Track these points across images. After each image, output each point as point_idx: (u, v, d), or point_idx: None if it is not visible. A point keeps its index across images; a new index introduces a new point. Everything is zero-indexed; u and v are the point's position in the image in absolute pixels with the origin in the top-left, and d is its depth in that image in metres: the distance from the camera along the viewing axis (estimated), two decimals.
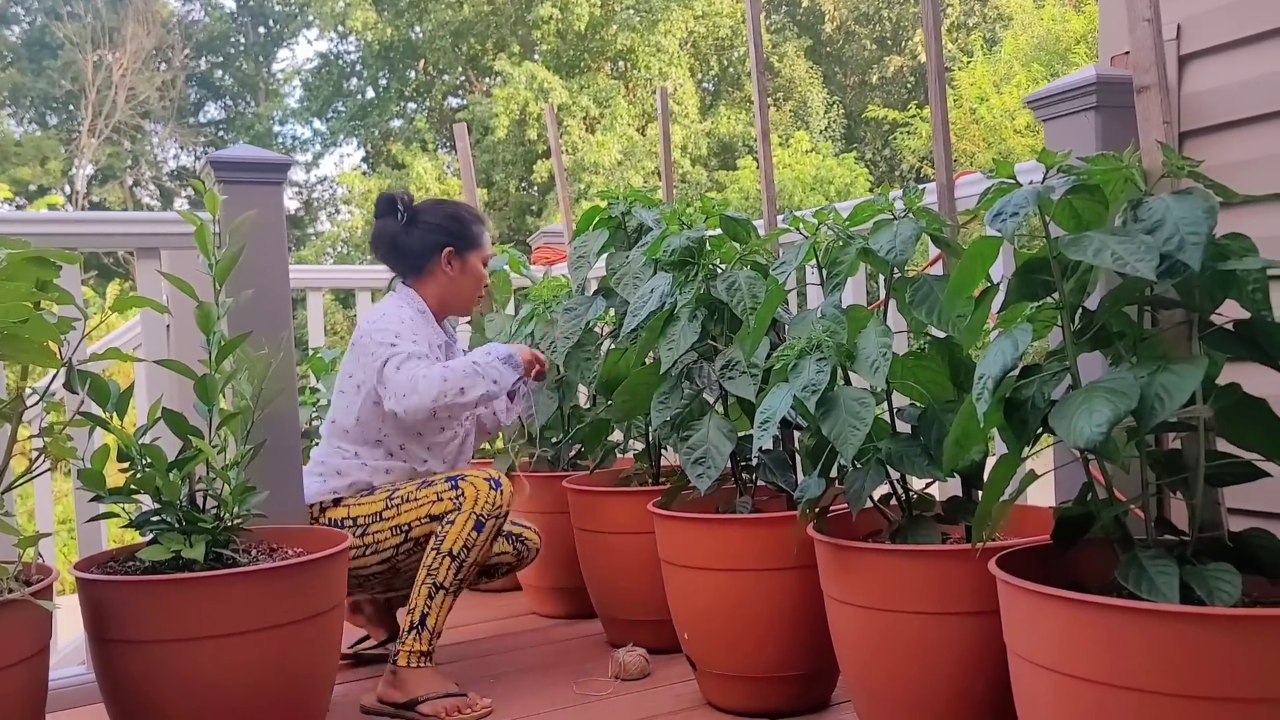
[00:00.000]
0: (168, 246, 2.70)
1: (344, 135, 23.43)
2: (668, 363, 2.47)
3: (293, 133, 24.24)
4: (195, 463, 2.11)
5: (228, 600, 1.96)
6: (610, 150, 17.94)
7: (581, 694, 2.58)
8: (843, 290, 2.15)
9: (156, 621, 1.94)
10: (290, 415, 2.53)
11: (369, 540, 2.58)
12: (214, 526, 2.12)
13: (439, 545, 2.51)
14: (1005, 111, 13.60)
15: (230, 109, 25.74)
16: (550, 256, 4.27)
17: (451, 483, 2.57)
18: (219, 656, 1.96)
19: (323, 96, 23.25)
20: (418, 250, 2.79)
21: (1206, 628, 1.33)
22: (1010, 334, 1.55)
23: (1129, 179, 1.59)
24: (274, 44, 25.76)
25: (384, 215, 2.85)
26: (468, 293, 2.86)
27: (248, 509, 2.18)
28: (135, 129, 23.47)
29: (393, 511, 2.59)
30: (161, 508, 2.11)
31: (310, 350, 4.27)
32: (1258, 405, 1.50)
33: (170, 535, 2.08)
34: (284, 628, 2.02)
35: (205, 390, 2.14)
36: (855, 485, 1.99)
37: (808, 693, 2.37)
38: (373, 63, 22.44)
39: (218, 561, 2.11)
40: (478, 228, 2.87)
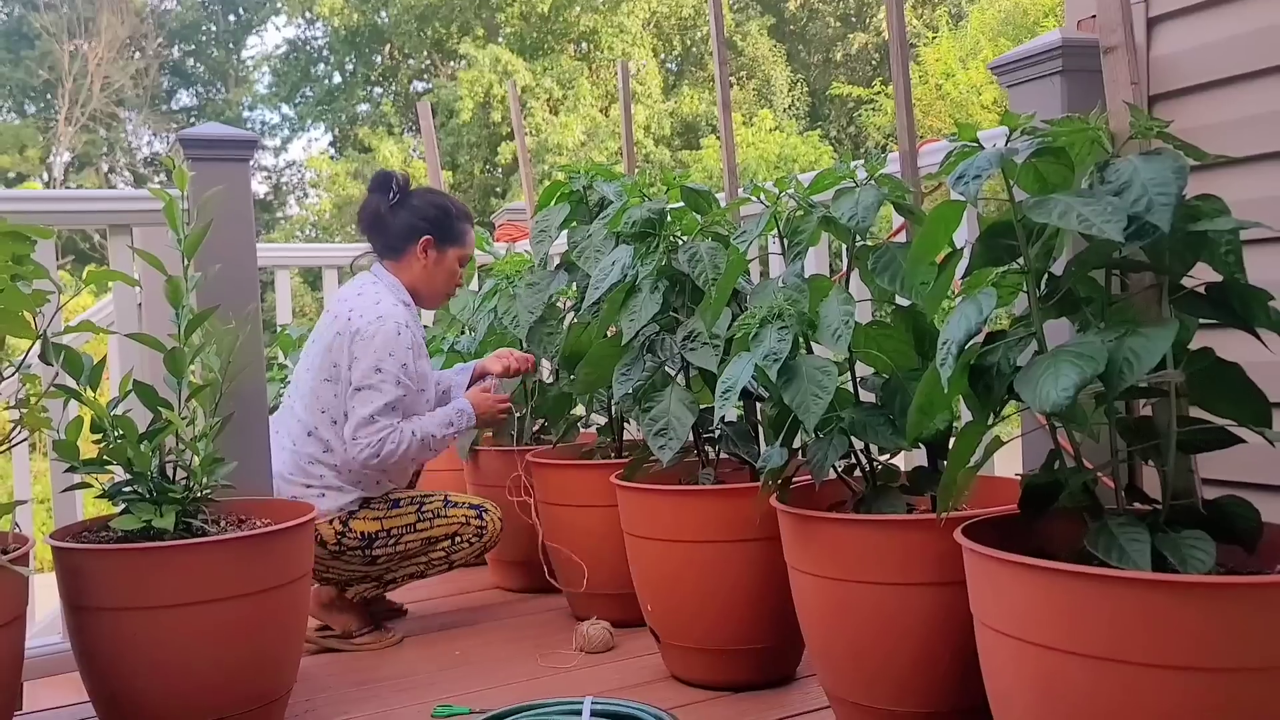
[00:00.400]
0: (139, 223, 2.67)
1: (312, 120, 23.20)
2: (629, 335, 2.40)
3: (262, 118, 23.98)
4: (165, 434, 2.12)
5: (197, 569, 1.98)
6: (574, 131, 17.78)
7: (546, 667, 2.52)
8: (804, 259, 2.07)
9: (128, 589, 1.96)
10: (258, 388, 2.50)
11: (400, 548, 2.76)
12: (184, 497, 2.13)
13: (450, 554, 2.82)
14: (971, 87, 13.42)
15: (202, 96, 25.43)
16: (513, 233, 4.18)
17: (478, 512, 2.84)
18: (188, 624, 1.97)
19: (291, 82, 23.00)
20: (398, 231, 2.81)
21: (1178, 596, 1.27)
22: (974, 298, 1.47)
23: (1095, 141, 1.51)
24: (244, 31, 25.44)
25: (376, 190, 2.86)
26: (439, 286, 2.88)
27: (216, 480, 2.19)
28: (110, 117, 23.19)
29: (425, 524, 2.78)
30: (133, 478, 2.11)
31: (279, 328, 4.18)
32: (1231, 370, 1.43)
33: (141, 505, 2.09)
34: (252, 596, 2.03)
35: (175, 363, 2.16)
36: (818, 455, 1.92)
37: (772, 665, 2.30)
38: (339, 48, 22.17)
39: (187, 531, 2.11)
40: (463, 225, 2.88)
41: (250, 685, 2.06)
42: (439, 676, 2.49)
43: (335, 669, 2.59)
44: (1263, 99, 1.80)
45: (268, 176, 24.21)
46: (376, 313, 2.68)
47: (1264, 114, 1.80)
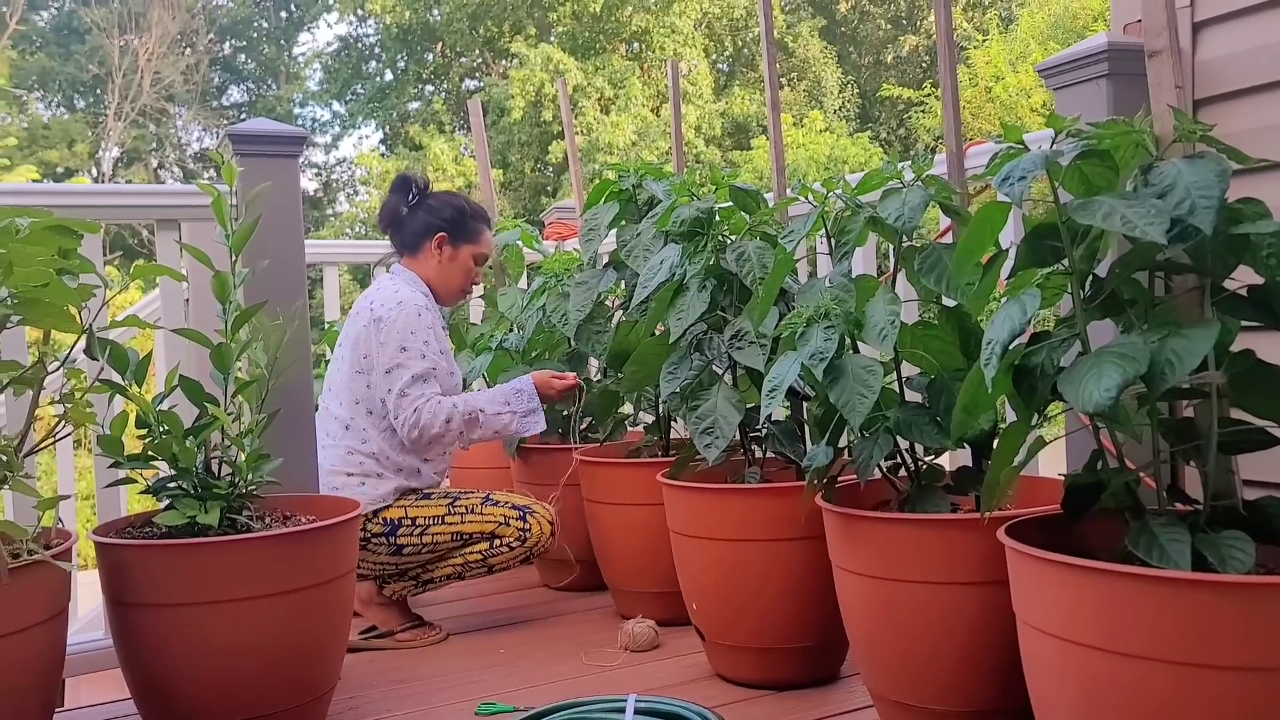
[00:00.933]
0: (187, 218, 2.72)
1: (362, 117, 23.45)
2: (677, 333, 2.44)
3: (313, 115, 24.30)
4: (211, 430, 2.13)
5: (241, 565, 1.98)
6: (625, 131, 17.86)
7: (590, 665, 2.56)
8: (851, 259, 2.11)
9: (171, 585, 1.96)
10: (304, 384, 2.54)
11: (426, 540, 2.79)
12: (228, 493, 2.14)
13: (487, 558, 2.82)
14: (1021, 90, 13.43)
15: (252, 92, 25.78)
16: (563, 232, 4.24)
17: (521, 514, 2.84)
18: (232, 620, 1.97)
19: (342, 79, 23.29)
20: (414, 229, 2.94)
21: (1218, 595, 1.29)
22: (1018, 299, 1.51)
23: (1139, 144, 1.54)
24: (295, 28, 25.77)
25: (397, 191, 3.00)
26: (454, 283, 2.98)
27: (261, 476, 2.19)
28: (160, 112, 23.56)
29: (456, 518, 2.80)
30: (178, 474, 2.12)
31: (326, 325, 4.27)
32: (1272, 372, 1.45)
33: (186, 501, 2.09)
34: (296, 593, 2.03)
35: (221, 358, 2.16)
36: (863, 454, 1.96)
37: (816, 664, 2.34)
38: (391, 45, 22.43)
39: (232, 527, 2.12)
40: (477, 224, 2.98)
41: (293, 682, 2.07)
42: (483, 674, 2.54)
43: (378, 666, 2.65)
44: None
45: (318, 173, 24.52)
46: (396, 299, 2.80)
47: None
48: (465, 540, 2.81)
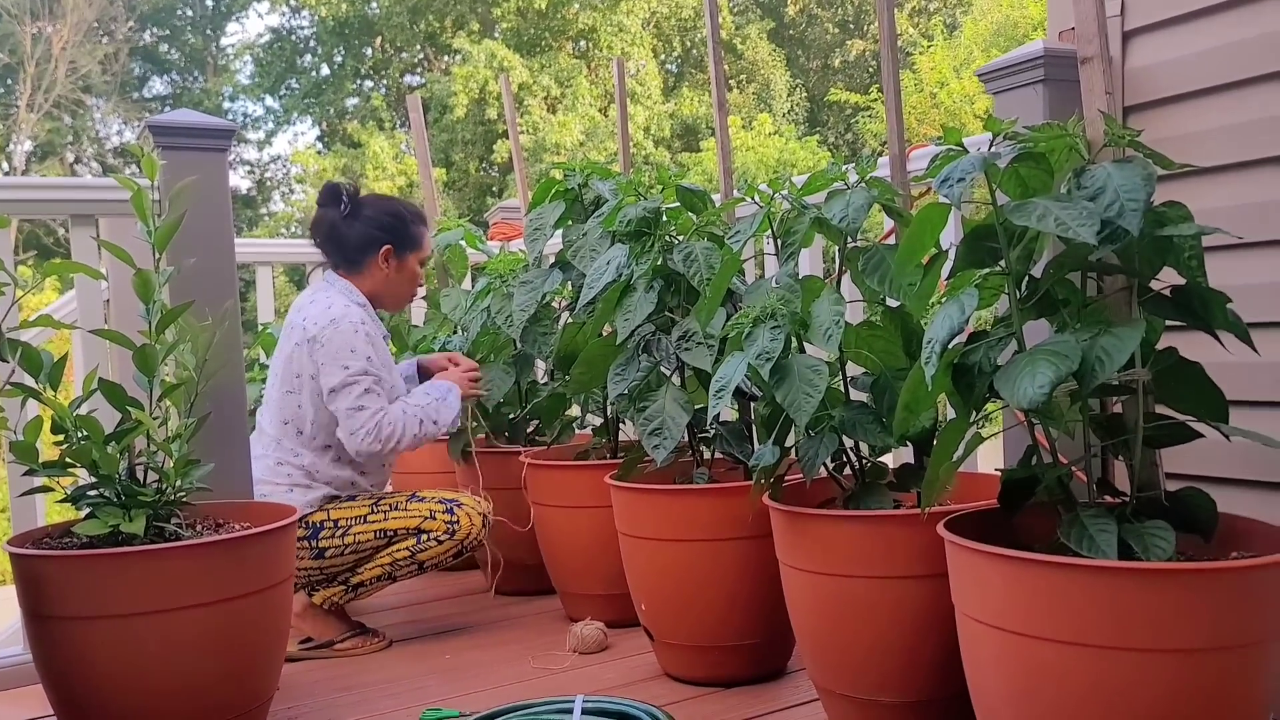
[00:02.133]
0: (105, 214, 2.67)
1: (298, 113, 23.21)
2: (624, 334, 2.51)
3: (244, 109, 23.97)
4: (134, 435, 2.08)
5: (169, 574, 1.95)
6: (572, 131, 17.91)
7: (538, 668, 2.62)
8: (797, 260, 2.19)
9: (93, 597, 1.93)
10: (237, 388, 2.52)
11: (349, 540, 2.79)
12: (155, 500, 2.10)
13: (415, 554, 2.81)
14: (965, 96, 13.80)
15: (176, 84, 25.32)
16: (507, 232, 4.29)
17: (447, 507, 2.83)
18: (160, 632, 1.94)
19: (275, 73, 22.99)
20: (356, 244, 2.91)
21: (1141, 582, 1.41)
22: (957, 299, 1.60)
23: (1073, 147, 1.65)
24: (223, 17, 25.39)
25: (327, 204, 2.95)
26: (402, 292, 3.00)
27: (191, 482, 2.16)
28: (76, 104, 23.07)
29: (378, 516, 2.81)
30: (99, 481, 2.07)
31: (260, 327, 4.26)
32: (1193, 369, 1.57)
33: (108, 509, 2.05)
34: (230, 602, 2.01)
35: (145, 360, 2.11)
36: (809, 453, 2.05)
37: (764, 661, 2.43)
38: (327, 39, 22.22)
39: (160, 536, 2.08)
40: (419, 228, 2.99)
41: (227, 694, 2.04)
42: (428, 680, 2.57)
43: (320, 675, 2.64)
44: (1227, 112, 1.95)
45: (250, 171, 24.22)
46: (329, 317, 2.79)
47: (1228, 126, 1.95)
48: (390, 538, 2.80)
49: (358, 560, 2.82)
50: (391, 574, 2.83)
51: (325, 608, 2.84)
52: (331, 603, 2.84)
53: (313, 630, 2.82)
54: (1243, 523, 1.62)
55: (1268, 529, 1.59)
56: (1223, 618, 1.38)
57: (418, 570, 2.85)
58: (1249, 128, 1.91)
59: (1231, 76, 1.93)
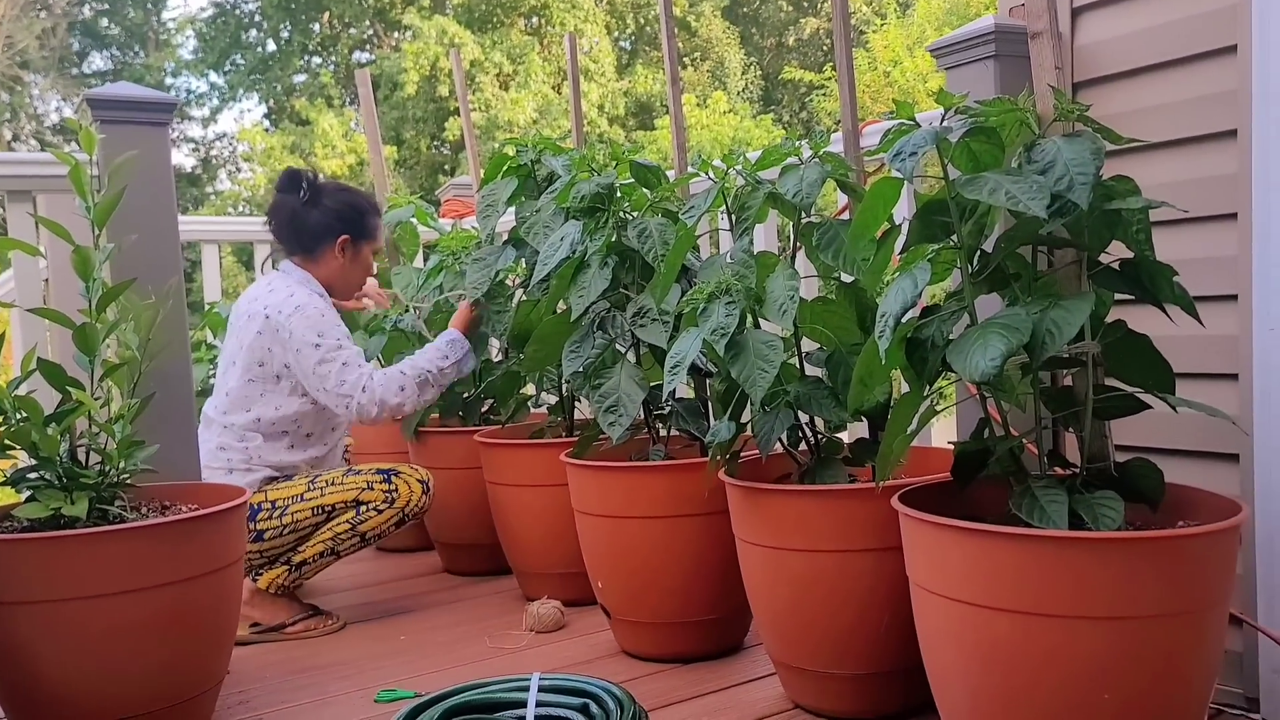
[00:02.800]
0: (42, 190, 2.63)
1: (243, 90, 22.81)
2: (579, 311, 2.51)
3: (187, 85, 23.51)
4: (75, 416, 2.05)
5: (112, 558, 1.93)
6: (525, 108, 17.80)
7: (495, 648, 2.62)
8: (751, 235, 2.21)
9: (35, 582, 1.90)
10: (182, 367, 2.49)
11: (286, 520, 2.78)
12: (98, 482, 2.08)
13: (356, 525, 2.80)
14: (918, 74, 13.88)
15: (117, 59, 24.81)
16: (459, 209, 4.27)
17: (385, 477, 2.83)
18: (104, 616, 1.93)
19: (219, 48, 22.57)
20: (314, 232, 2.94)
21: (1090, 551, 1.44)
22: (910, 273, 1.63)
23: (1023, 122, 1.68)
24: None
25: (286, 190, 2.97)
26: (355, 281, 3.05)
27: (135, 464, 2.14)
28: (13, 80, 22.59)
29: (315, 493, 2.80)
30: (39, 464, 2.04)
31: (207, 306, 4.22)
32: (1141, 341, 1.60)
33: (49, 492, 2.03)
34: (176, 586, 2.00)
35: (85, 340, 2.08)
36: (764, 429, 2.06)
37: (721, 636, 2.45)
38: (273, 14, 21.87)
39: (103, 519, 2.07)
40: (374, 220, 3.04)
41: (175, 679, 2.02)
42: (383, 662, 2.56)
43: (272, 659, 2.63)
44: (1173, 87, 1.99)
45: (195, 149, 23.83)
46: (294, 304, 2.82)
47: (1174, 102, 1.98)
48: (329, 513, 2.79)
49: (298, 540, 2.81)
50: (334, 549, 2.81)
51: (272, 591, 2.81)
52: (278, 585, 2.81)
53: (262, 615, 2.80)
54: (1189, 492, 1.67)
55: (1213, 498, 1.63)
56: (1171, 585, 1.42)
57: (360, 542, 2.83)
58: (1194, 104, 1.94)
59: (1177, 53, 1.96)
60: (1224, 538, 1.46)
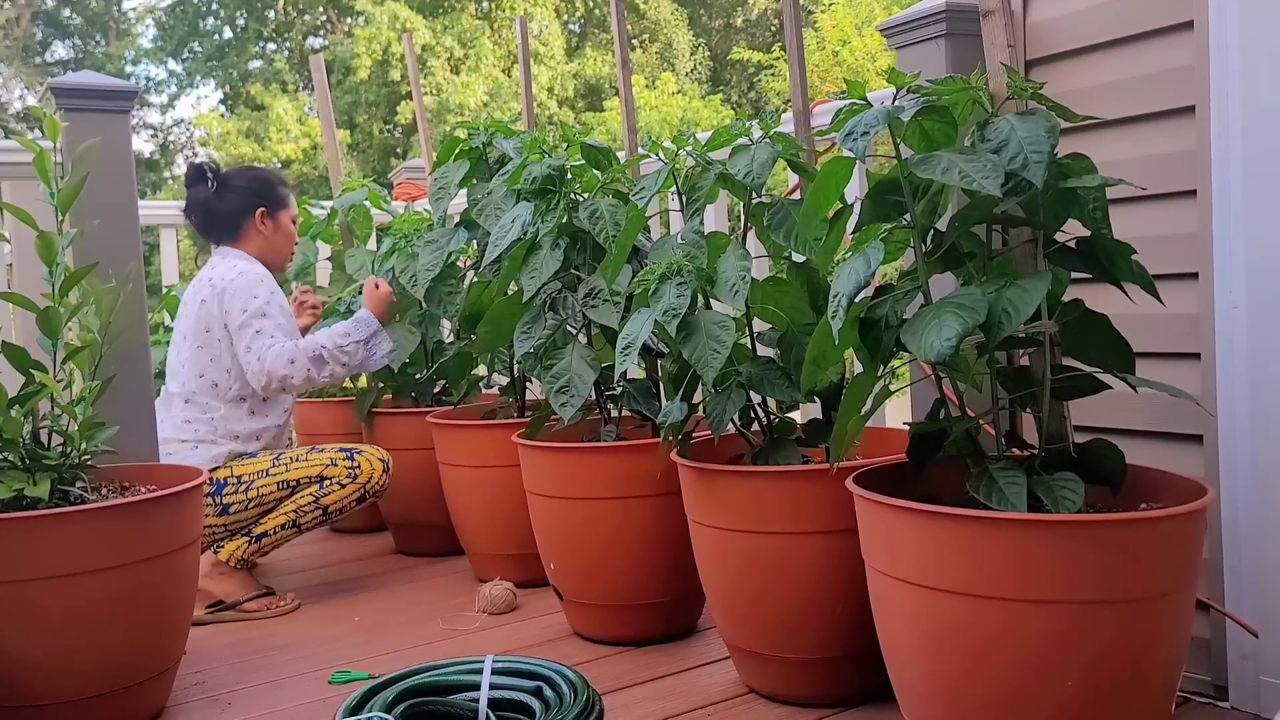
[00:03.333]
0: (7, 177, 2.63)
1: (201, 76, 22.47)
2: (530, 292, 2.42)
3: (146, 73, 23.10)
4: (38, 398, 2.03)
5: (74, 538, 1.91)
6: (476, 91, 17.60)
7: (448, 630, 2.55)
8: (702, 216, 2.13)
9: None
10: (141, 350, 2.46)
11: (252, 495, 2.77)
12: (60, 464, 2.06)
13: (319, 498, 2.78)
14: (867, 54, 13.79)
15: (79, 48, 24.38)
16: (412, 192, 4.16)
17: (348, 454, 2.84)
18: (64, 596, 1.90)
19: (177, 36, 22.22)
20: (232, 213, 2.98)
21: (1050, 534, 1.36)
22: (863, 253, 1.55)
23: (976, 101, 1.60)
24: None
25: (195, 184, 3.02)
26: (283, 249, 3.08)
27: (96, 445, 2.12)
28: None
29: (280, 469, 2.79)
30: (2, 445, 2.03)
31: (165, 290, 4.11)
32: (1098, 320, 1.53)
33: (12, 474, 2.00)
34: (135, 565, 1.97)
35: (48, 323, 2.07)
36: (717, 409, 1.98)
37: (674, 619, 2.37)
38: (229, 2, 21.52)
39: (65, 500, 2.04)
40: (284, 190, 3.09)
41: (133, 658, 2.00)
42: (337, 644, 2.49)
43: (228, 639, 2.57)
44: (1128, 64, 1.91)
45: (154, 135, 23.45)
46: (237, 270, 2.87)
47: (1129, 79, 1.91)
48: (293, 488, 2.78)
49: (262, 513, 2.79)
50: (296, 521, 2.79)
51: (232, 565, 2.76)
52: (237, 559, 2.76)
53: (220, 590, 2.75)
54: (1151, 474, 1.59)
55: (1176, 480, 1.56)
56: (1134, 569, 1.34)
57: (323, 515, 2.80)
58: (1150, 80, 1.87)
59: (1131, 29, 1.89)
60: (1189, 521, 1.38)
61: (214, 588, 2.73)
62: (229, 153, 18.71)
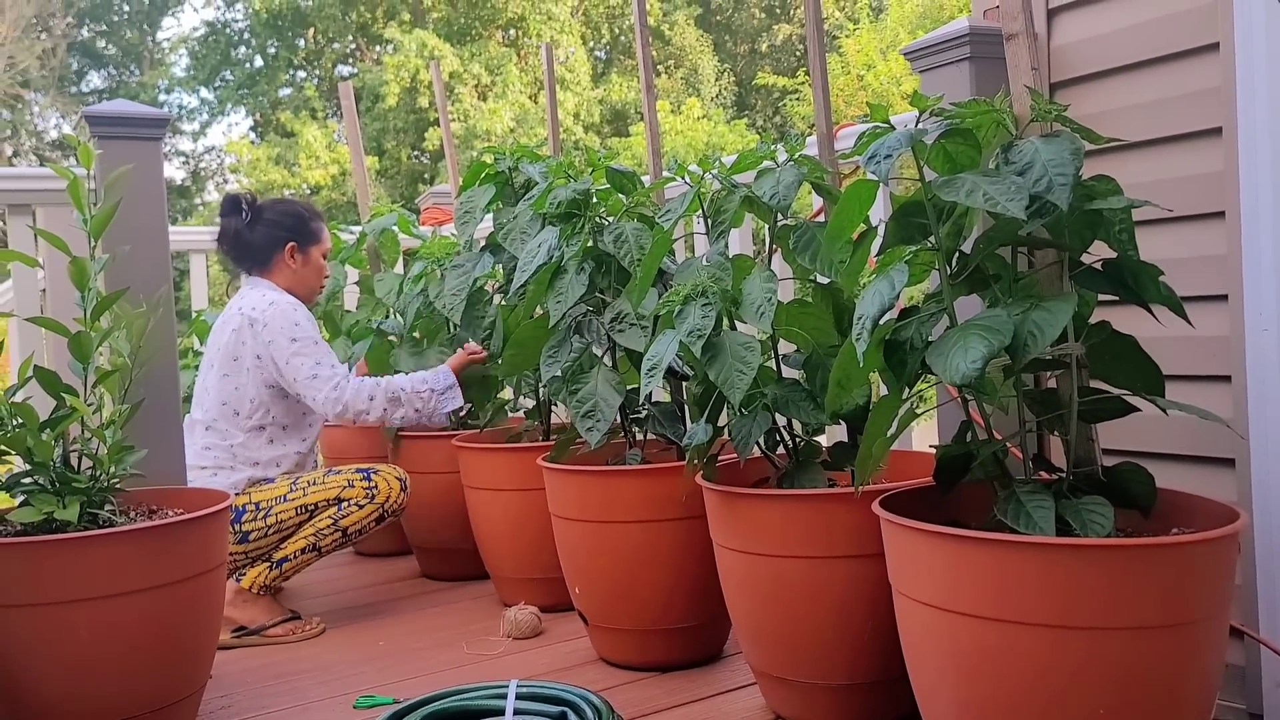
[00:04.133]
0: (41, 203, 2.65)
1: (232, 104, 22.78)
2: (556, 316, 2.42)
3: (179, 101, 23.45)
4: (69, 422, 2.04)
5: (103, 561, 1.91)
6: (502, 118, 17.73)
7: (472, 654, 2.54)
8: (727, 238, 2.12)
9: (27, 585, 1.88)
10: (170, 374, 2.47)
11: (271, 521, 2.77)
12: (89, 487, 2.06)
13: (338, 520, 2.79)
14: (892, 78, 13.78)
15: (113, 78, 24.78)
16: (439, 217, 4.18)
17: (364, 474, 2.84)
18: (94, 619, 1.90)
19: (210, 65, 22.56)
20: (262, 245, 2.99)
21: (1080, 558, 1.34)
22: (887, 275, 1.54)
23: (1000, 123, 1.59)
24: (158, 12, 24.80)
25: (229, 214, 3.03)
26: (311, 283, 3.08)
27: (125, 468, 2.12)
28: (14, 99, 22.52)
29: (297, 494, 2.80)
30: (33, 468, 2.03)
31: (194, 314, 4.14)
32: (1126, 342, 1.51)
33: (42, 496, 2.02)
34: (163, 589, 1.97)
35: (80, 347, 2.08)
36: (742, 432, 1.97)
37: (700, 644, 2.35)
38: (261, 31, 21.82)
39: (93, 523, 2.05)
40: (317, 224, 3.08)
41: (160, 681, 2.00)
42: (361, 667, 2.49)
43: (253, 663, 2.57)
44: (1154, 86, 1.90)
45: (185, 161, 23.74)
46: (268, 301, 2.88)
47: (1155, 101, 1.90)
48: (311, 512, 2.79)
49: (281, 539, 2.80)
50: (316, 545, 2.80)
51: (255, 591, 2.76)
52: (260, 585, 2.76)
53: (245, 617, 2.75)
54: (1182, 498, 1.57)
55: (1207, 504, 1.53)
56: (1166, 595, 1.32)
57: (342, 538, 2.82)
58: (1175, 102, 1.86)
59: (1156, 51, 1.88)
60: (1222, 545, 1.36)
61: (238, 615, 2.73)
62: (259, 179, 18.92)
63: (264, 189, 18.83)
